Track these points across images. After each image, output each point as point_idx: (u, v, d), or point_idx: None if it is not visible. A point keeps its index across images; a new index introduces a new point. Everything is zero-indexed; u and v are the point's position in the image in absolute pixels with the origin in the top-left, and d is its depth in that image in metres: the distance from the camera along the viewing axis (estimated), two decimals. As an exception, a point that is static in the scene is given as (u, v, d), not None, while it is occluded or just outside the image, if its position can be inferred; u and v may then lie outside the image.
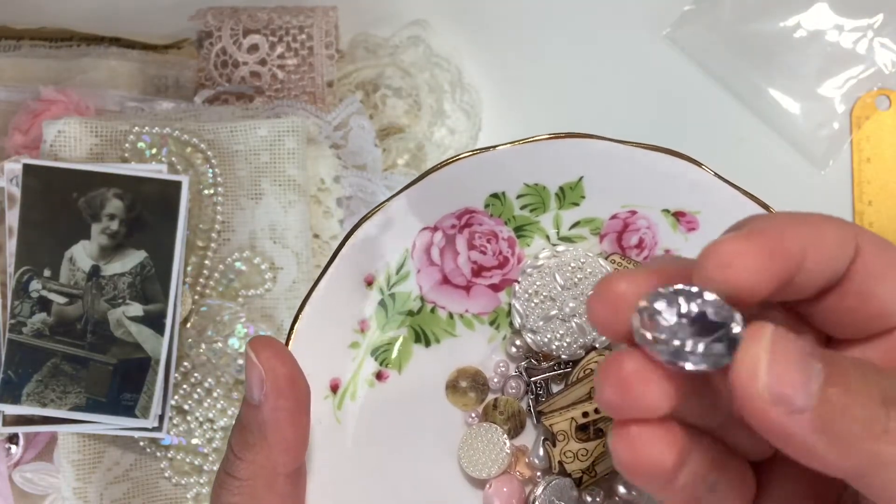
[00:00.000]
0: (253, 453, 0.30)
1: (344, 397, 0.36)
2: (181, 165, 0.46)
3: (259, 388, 0.30)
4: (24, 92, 0.48)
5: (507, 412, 0.38)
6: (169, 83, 0.52)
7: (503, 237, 0.38)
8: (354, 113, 0.50)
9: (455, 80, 0.53)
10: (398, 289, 0.38)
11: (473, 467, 0.37)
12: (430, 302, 0.38)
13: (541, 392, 0.38)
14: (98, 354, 0.43)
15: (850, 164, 0.53)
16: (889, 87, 0.54)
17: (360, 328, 0.37)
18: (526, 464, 0.38)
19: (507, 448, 0.37)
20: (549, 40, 0.55)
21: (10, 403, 0.43)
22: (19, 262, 0.43)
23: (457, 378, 0.38)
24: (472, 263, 0.38)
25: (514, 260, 0.38)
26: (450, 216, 0.37)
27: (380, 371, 0.37)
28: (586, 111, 0.54)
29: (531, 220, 0.38)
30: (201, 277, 0.46)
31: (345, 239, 0.36)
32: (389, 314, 0.38)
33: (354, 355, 0.37)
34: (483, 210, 0.37)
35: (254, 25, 0.51)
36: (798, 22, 0.54)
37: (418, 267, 0.38)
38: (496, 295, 0.39)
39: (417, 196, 0.36)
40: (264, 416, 0.30)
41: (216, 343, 0.45)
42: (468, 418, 0.38)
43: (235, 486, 0.31)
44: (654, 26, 0.55)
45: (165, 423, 0.44)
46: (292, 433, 0.31)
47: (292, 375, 0.30)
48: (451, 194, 0.37)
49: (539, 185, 0.37)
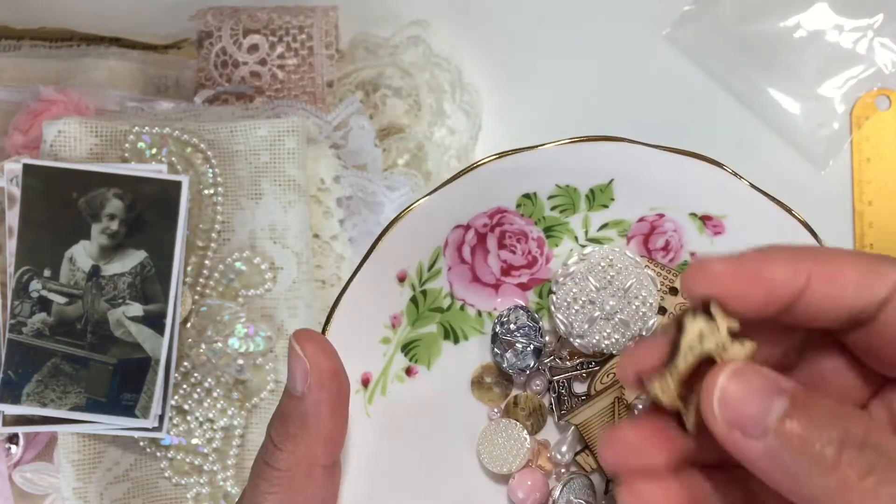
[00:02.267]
0: (294, 444, 0.31)
1: (374, 392, 0.37)
2: (181, 165, 0.46)
3: (303, 380, 0.30)
4: (24, 92, 0.48)
5: (529, 408, 0.39)
6: (169, 83, 0.52)
7: (533, 237, 0.38)
8: (354, 113, 0.50)
9: (455, 80, 0.53)
10: (429, 286, 0.38)
11: (493, 462, 0.38)
12: (459, 299, 0.39)
13: (563, 391, 0.38)
14: (98, 354, 0.43)
15: (850, 164, 0.53)
16: (889, 87, 0.54)
17: (392, 324, 0.38)
18: (548, 458, 0.39)
19: (526, 443, 0.38)
20: (550, 40, 0.55)
21: (10, 403, 0.43)
22: (19, 262, 0.43)
23: (481, 374, 0.39)
24: (502, 262, 0.39)
25: (543, 260, 0.39)
26: (482, 215, 0.38)
27: (409, 366, 0.38)
28: (586, 111, 0.54)
29: (561, 221, 0.38)
30: (201, 277, 0.46)
31: (380, 235, 0.36)
32: (420, 310, 0.38)
33: (385, 350, 0.37)
34: (514, 210, 0.38)
35: (254, 25, 0.51)
36: (798, 22, 0.54)
37: (449, 264, 0.38)
38: (524, 294, 0.39)
39: (451, 195, 0.36)
40: (307, 408, 0.30)
41: (216, 343, 0.45)
42: (491, 413, 0.39)
43: (275, 475, 0.31)
44: (654, 26, 0.55)
45: (165, 423, 0.44)
46: (333, 425, 0.31)
47: (335, 369, 0.31)
48: (485, 193, 0.37)
49: (570, 187, 0.38)
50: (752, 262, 0.25)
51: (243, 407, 0.46)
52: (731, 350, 0.24)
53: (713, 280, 0.24)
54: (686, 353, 0.25)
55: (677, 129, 0.54)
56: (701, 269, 0.25)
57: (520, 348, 0.38)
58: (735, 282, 0.24)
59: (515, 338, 0.38)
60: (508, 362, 0.38)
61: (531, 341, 0.38)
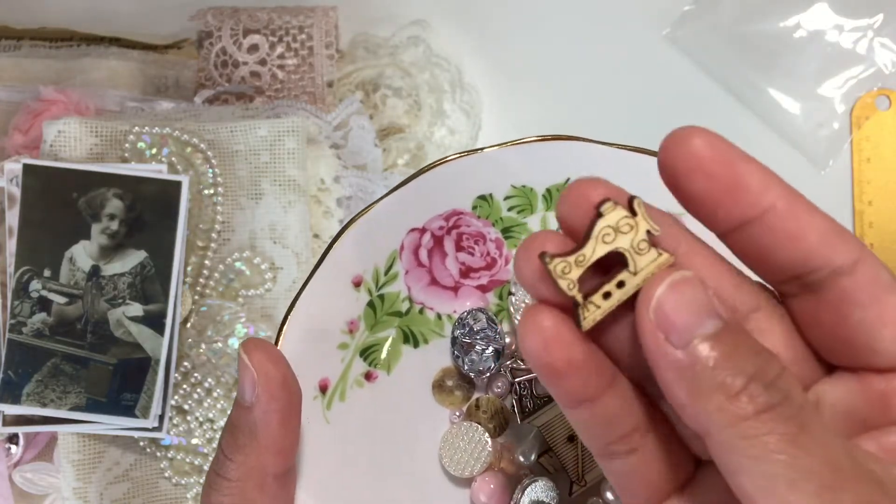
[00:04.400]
0: (243, 455, 0.30)
1: (333, 397, 0.37)
2: (181, 165, 0.46)
3: (251, 390, 0.30)
4: (24, 92, 0.48)
5: (491, 411, 0.38)
6: (169, 83, 0.52)
7: (491, 238, 0.38)
8: (354, 113, 0.50)
9: (455, 80, 0.53)
10: (386, 290, 0.38)
11: (455, 466, 0.37)
12: (418, 303, 0.38)
13: (524, 393, 0.38)
14: (98, 354, 0.43)
15: (850, 164, 0.53)
16: (889, 87, 0.54)
17: (349, 329, 0.37)
18: (510, 461, 0.38)
19: (488, 447, 0.37)
20: (550, 40, 0.55)
21: (10, 403, 0.43)
22: (19, 262, 0.43)
23: (442, 377, 0.39)
24: (460, 264, 0.38)
25: (502, 261, 0.39)
26: (438, 217, 0.37)
27: (368, 371, 0.38)
28: (586, 111, 0.54)
29: (518, 222, 0.38)
30: (201, 277, 0.46)
31: (333, 240, 0.36)
32: (378, 315, 0.38)
33: (343, 356, 0.37)
34: (471, 211, 0.38)
35: (254, 25, 0.51)
36: (798, 22, 0.54)
37: (406, 268, 0.38)
38: (484, 296, 0.39)
39: (405, 197, 0.36)
40: (255, 418, 0.30)
41: (216, 343, 0.45)
42: (452, 417, 0.38)
43: (225, 486, 0.31)
44: (654, 26, 0.55)
45: (165, 423, 0.44)
46: (283, 435, 0.31)
47: (284, 378, 0.31)
48: (439, 196, 0.37)
49: (526, 187, 0.37)
50: (733, 153, 0.24)
51: (243, 407, 0.46)
52: (645, 256, 0.24)
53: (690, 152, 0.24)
54: (597, 241, 0.24)
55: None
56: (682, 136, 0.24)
57: (480, 351, 0.38)
58: (711, 165, 0.24)
59: (475, 340, 0.38)
60: (469, 365, 0.38)
61: (491, 343, 0.38)
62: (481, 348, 0.38)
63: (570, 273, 0.24)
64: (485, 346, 0.38)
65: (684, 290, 0.22)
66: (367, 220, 0.36)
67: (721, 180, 0.24)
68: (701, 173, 0.24)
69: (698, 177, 0.24)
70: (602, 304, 0.24)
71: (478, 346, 0.38)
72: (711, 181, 0.24)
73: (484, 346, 0.38)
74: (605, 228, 0.24)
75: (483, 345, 0.38)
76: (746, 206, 0.24)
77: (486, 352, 0.38)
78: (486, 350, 0.38)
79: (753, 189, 0.24)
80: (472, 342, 0.38)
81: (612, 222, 0.24)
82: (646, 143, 0.36)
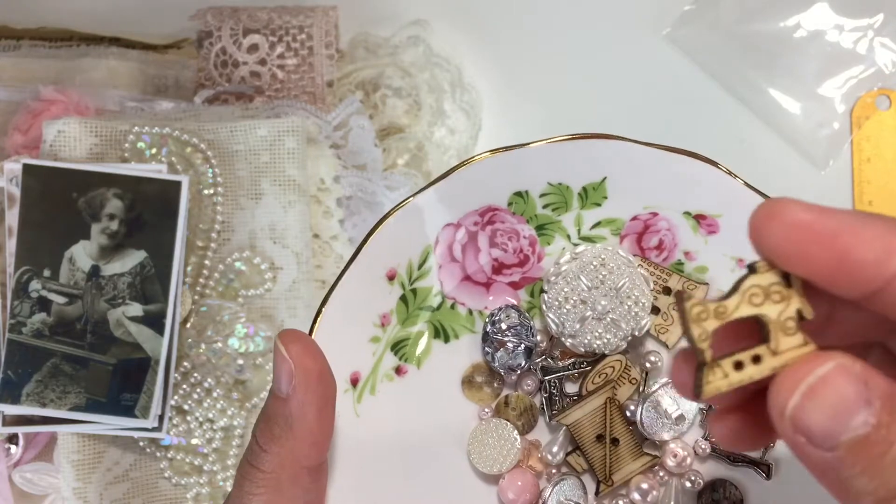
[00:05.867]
0: (278, 446, 0.30)
1: (363, 391, 0.37)
2: (181, 165, 0.46)
3: (288, 381, 0.30)
4: (24, 92, 0.48)
5: (520, 408, 0.38)
6: (169, 83, 0.51)
7: (524, 235, 0.38)
8: (354, 113, 0.50)
9: (455, 80, 0.53)
10: (419, 284, 0.38)
11: (483, 462, 0.37)
12: (450, 298, 0.38)
13: (554, 391, 0.38)
14: (98, 354, 0.43)
15: (850, 164, 0.53)
16: (889, 87, 0.54)
17: (381, 323, 0.37)
18: (538, 459, 0.38)
19: (517, 444, 0.37)
20: (549, 40, 0.55)
21: (10, 403, 0.43)
22: (19, 262, 0.43)
23: (472, 373, 0.39)
24: (493, 260, 0.38)
25: (535, 258, 0.39)
26: (473, 213, 0.37)
27: (399, 366, 0.38)
28: (586, 111, 0.54)
29: (553, 220, 0.38)
30: (201, 277, 0.46)
31: (369, 234, 0.36)
32: (410, 309, 0.38)
33: (374, 349, 0.37)
34: (506, 208, 0.38)
35: (254, 25, 0.51)
36: (798, 22, 0.54)
37: (440, 263, 0.38)
38: (516, 292, 0.39)
39: (442, 192, 0.36)
40: (291, 410, 0.30)
41: (216, 343, 0.45)
42: (482, 413, 0.38)
43: (259, 477, 0.31)
44: (654, 26, 0.55)
45: (165, 423, 0.44)
46: (318, 427, 0.31)
47: (321, 370, 0.30)
48: (476, 191, 0.37)
49: (563, 185, 0.37)
50: (839, 223, 0.21)
51: (243, 407, 0.46)
52: (791, 338, 0.22)
53: (788, 230, 0.21)
54: (743, 298, 0.21)
55: (677, 129, 0.54)
56: (777, 210, 0.21)
57: (511, 347, 0.38)
58: (812, 245, 0.21)
59: (506, 337, 0.38)
60: (499, 361, 0.38)
61: (522, 340, 0.38)
62: (512, 345, 0.38)
63: (706, 322, 0.22)
64: (516, 342, 0.38)
65: (824, 394, 0.20)
66: (402, 215, 0.36)
67: (827, 259, 0.21)
68: (801, 258, 0.21)
69: (800, 262, 0.21)
70: (731, 374, 0.22)
71: (509, 342, 0.38)
72: (815, 263, 0.21)
73: (515, 342, 0.38)
74: (754, 287, 0.22)
75: (514, 341, 0.38)
76: (865, 281, 0.21)
77: (517, 349, 0.38)
78: (517, 347, 0.38)
79: (870, 260, 0.21)
80: (503, 339, 0.38)
81: (764, 283, 0.22)
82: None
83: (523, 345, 0.38)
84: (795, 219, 0.21)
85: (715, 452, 0.38)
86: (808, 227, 0.21)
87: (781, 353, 0.22)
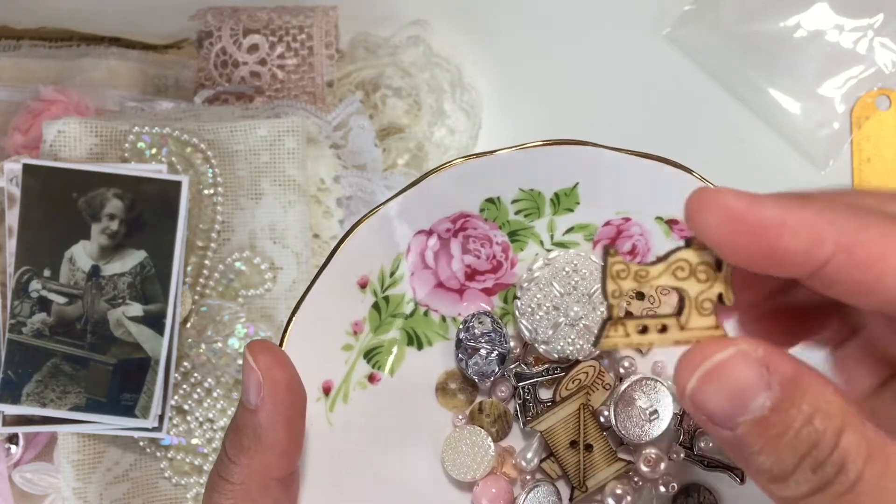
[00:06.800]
0: (248, 457, 0.30)
1: (336, 399, 0.36)
2: (181, 165, 0.46)
3: (256, 392, 0.30)
4: (24, 92, 0.48)
5: (494, 414, 0.38)
6: (169, 83, 0.52)
7: (497, 241, 0.38)
8: (354, 113, 0.50)
9: (455, 80, 0.53)
10: (392, 291, 0.38)
11: (457, 470, 0.37)
12: (423, 305, 0.38)
13: (528, 397, 0.38)
14: (98, 354, 0.43)
15: (850, 164, 0.53)
16: (889, 87, 0.54)
17: (353, 330, 0.37)
18: (513, 465, 0.38)
19: (491, 450, 0.37)
20: (549, 40, 0.55)
21: (10, 403, 0.43)
22: (19, 262, 0.43)
23: (446, 380, 0.38)
24: (466, 267, 0.38)
25: (508, 264, 0.38)
26: (445, 220, 0.37)
27: (372, 373, 0.37)
28: (586, 111, 0.54)
29: (525, 226, 0.38)
30: (201, 277, 0.46)
31: (340, 241, 0.36)
32: (383, 317, 0.38)
33: (347, 357, 0.37)
34: (478, 214, 0.37)
35: (254, 25, 0.51)
36: (798, 22, 0.54)
37: (412, 270, 0.38)
38: (489, 299, 0.39)
39: (413, 199, 0.36)
40: (260, 421, 0.30)
41: (216, 343, 0.45)
42: (455, 420, 0.38)
43: (229, 489, 0.31)
44: (654, 26, 0.55)
45: (165, 423, 0.44)
46: (288, 438, 0.31)
47: (290, 381, 0.30)
48: (447, 198, 0.37)
49: (534, 191, 0.37)
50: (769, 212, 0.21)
51: (243, 407, 0.46)
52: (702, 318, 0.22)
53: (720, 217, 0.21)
54: (668, 268, 0.22)
55: (677, 129, 0.54)
56: (709, 199, 0.21)
57: (484, 354, 0.37)
58: (742, 236, 0.21)
59: (480, 343, 0.37)
60: (473, 368, 0.37)
61: (496, 347, 0.37)
62: (486, 352, 0.37)
63: (624, 281, 0.22)
64: (489, 349, 0.37)
65: (722, 378, 0.21)
66: (374, 221, 0.36)
67: (756, 249, 0.21)
68: (731, 247, 0.22)
69: (731, 251, 0.22)
70: (632, 335, 0.22)
71: (482, 349, 0.37)
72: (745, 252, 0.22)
73: (488, 349, 0.37)
74: (681, 262, 0.22)
75: (487, 348, 0.37)
76: (794, 268, 0.22)
77: (490, 355, 0.37)
78: (490, 353, 0.37)
79: (799, 250, 0.21)
80: (477, 345, 0.37)
81: (693, 261, 0.22)
82: (645, 141, 0.36)
83: (497, 351, 0.37)
84: (726, 208, 0.21)
85: (689, 458, 0.38)
86: (739, 218, 0.21)
87: (688, 329, 0.22)
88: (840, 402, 0.21)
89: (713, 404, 0.21)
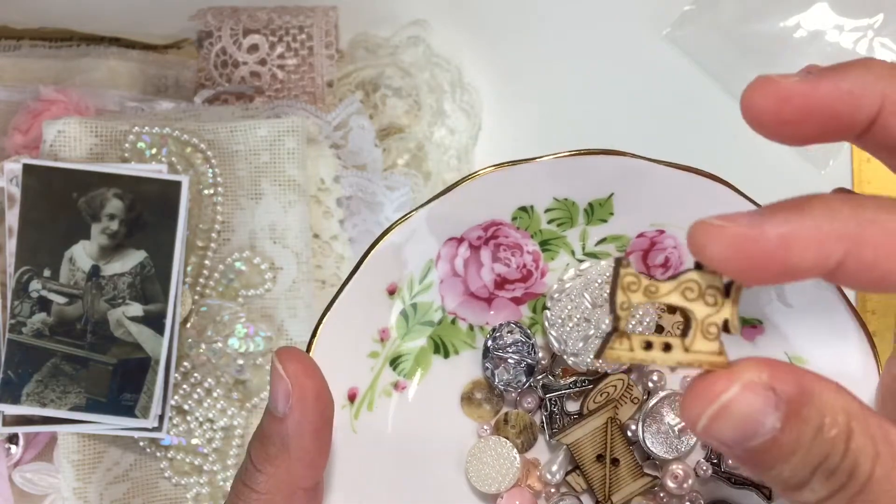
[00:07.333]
0: (274, 466, 0.30)
1: (361, 407, 0.36)
2: (181, 165, 0.46)
3: (285, 401, 0.29)
4: (24, 92, 0.48)
5: (519, 426, 0.38)
6: (169, 83, 0.52)
7: (528, 250, 0.38)
8: (354, 113, 0.50)
9: (455, 80, 0.53)
10: (420, 299, 0.37)
11: (481, 481, 0.37)
12: (451, 313, 0.38)
13: (555, 409, 0.38)
14: (98, 354, 0.43)
15: (850, 164, 0.53)
16: (889, 87, 0.54)
17: (381, 337, 0.37)
18: (537, 478, 0.38)
19: (516, 462, 0.37)
20: (549, 40, 0.55)
21: (10, 403, 0.43)
22: (19, 262, 0.43)
23: (472, 390, 0.38)
24: (496, 275, 0.38)
25: (538, 274, 0.38)
26: (476, 228, 0.37)
27: (398, 381, 0.37)
28: (586, 111, 0.54)
29: (557, 235, 0.37)
30: (201, 277, 0.46)
31: (370, 247, 0.35)
32: (410, 324, 0.37)
33: (373, 365, 0.36)
34: (510, 223, 0.37)
35: (254, 25, 0.51)
36: (798, 22, 0.54)
37: (441, 277, 0.37)
38: (518, 308, 0.38)
39: (445, 206, 0.35)
40: (288, 430, 0.29)
41: (216, 343, 0.45)
42: (480, 430, 0.38)
43: (254, 498, 0.30)
44: (654, 26, 0.55)
45: (165, 423, 0.44)
46: (315, 448, 0.30)
47: (319, 390, 0.30)
48: (479, 206, 0.36)
49: (568, 200, 0.37)
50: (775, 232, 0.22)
51: (243, 407, 0.46)
52: (707, 343, 0.22)
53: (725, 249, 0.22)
54: (678, 288, 0.22)
55: (676, 130, 0.54)
56: (714, 233, 0.22)
57: (512, 364, 0.37)
58: (750, 260, 0.22)
59: (507, 353, 0.37)
60: (500, 378, 0.37)
61: (524, 358, 0.37)
62: (513, 362, 0.37)
63: (634, 294, 0.22)
64: (517, 359, 0.37)
65: (730, 414, 0.22)
66: (405, 228, 0.35)
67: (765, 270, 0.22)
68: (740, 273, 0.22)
69: (740, 276, 0.22)
70: (636, 350, 0.22)
71: (510, 359, 0.37)
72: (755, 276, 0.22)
73: (516, 359, 0.37)
74: (691, 282, 0.22)
75: (515, 358, 0.37)
76: (805, 274, 0.22)
77: (518, 366, 0.37)
78: (518, 364, 0.37)
79: (808, 264, 0.22)
80: (505, 355, 0.37)
81: (703, 283, 0.22)
82: (645, 141, 0.36)
83: (524, 362, 0.37)
84: (730, 239, 0.22)
85: (716, 474, 0.37)
86: (743, 247, 0.22)
87: (692, 352, 0.23)
88: (844, 402, 0.22)
89: (725, 436, 0.22)
